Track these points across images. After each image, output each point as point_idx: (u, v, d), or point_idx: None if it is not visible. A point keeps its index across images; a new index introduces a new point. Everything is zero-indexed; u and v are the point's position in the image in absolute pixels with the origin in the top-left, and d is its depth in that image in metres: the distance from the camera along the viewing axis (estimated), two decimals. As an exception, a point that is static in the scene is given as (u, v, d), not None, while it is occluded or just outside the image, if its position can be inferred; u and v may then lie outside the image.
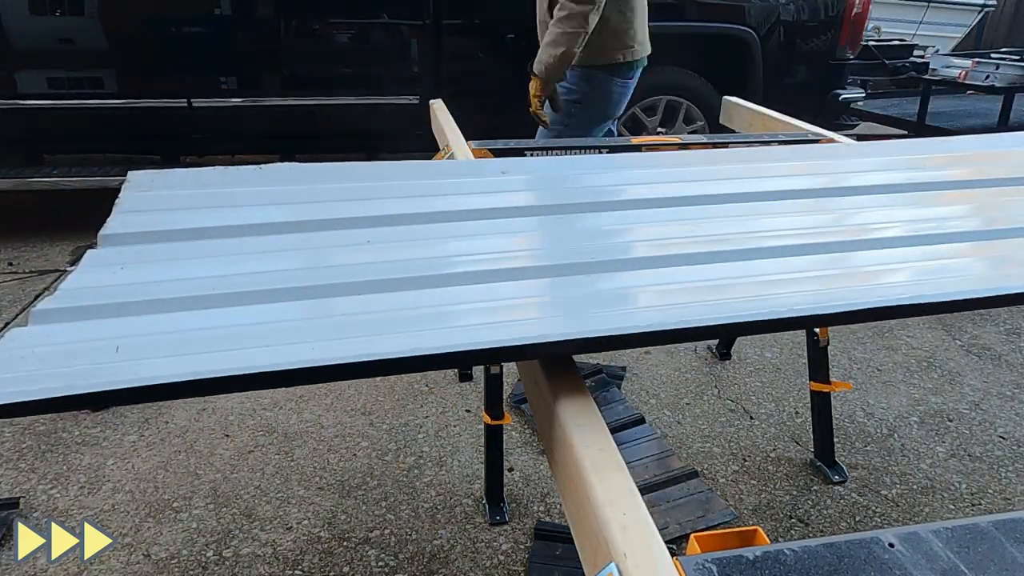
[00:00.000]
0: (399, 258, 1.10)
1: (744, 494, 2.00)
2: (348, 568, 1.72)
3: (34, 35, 3.37)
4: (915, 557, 0.71)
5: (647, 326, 0.94)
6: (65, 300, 0.97)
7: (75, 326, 0.91)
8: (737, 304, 1.01)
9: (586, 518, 0.77)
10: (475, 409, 2.34)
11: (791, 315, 0.99)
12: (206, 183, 1.33)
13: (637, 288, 1.10)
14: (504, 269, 1.10)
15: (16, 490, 1.94)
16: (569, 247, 1.21)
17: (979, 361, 2.75)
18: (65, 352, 0.86)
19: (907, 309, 1.05)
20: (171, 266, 1.06)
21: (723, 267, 1.15)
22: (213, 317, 0.94)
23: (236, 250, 1.11)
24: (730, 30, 3.88)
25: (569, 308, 1.03)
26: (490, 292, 1.03)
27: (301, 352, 0.85)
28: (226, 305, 0.96)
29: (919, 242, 1.27)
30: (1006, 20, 9.66)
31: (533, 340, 0.91)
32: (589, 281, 1.10)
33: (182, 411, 2.30)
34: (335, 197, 1.28)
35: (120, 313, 0.94)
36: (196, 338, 0.89)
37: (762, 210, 1.38)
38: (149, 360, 0.84)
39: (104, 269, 1.05)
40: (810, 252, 1.21)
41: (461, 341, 0.89)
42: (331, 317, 0.96)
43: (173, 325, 0.92)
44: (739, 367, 2.66)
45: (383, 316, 0.95)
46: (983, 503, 2.01)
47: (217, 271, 1.05)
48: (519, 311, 1.00)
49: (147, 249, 1.11)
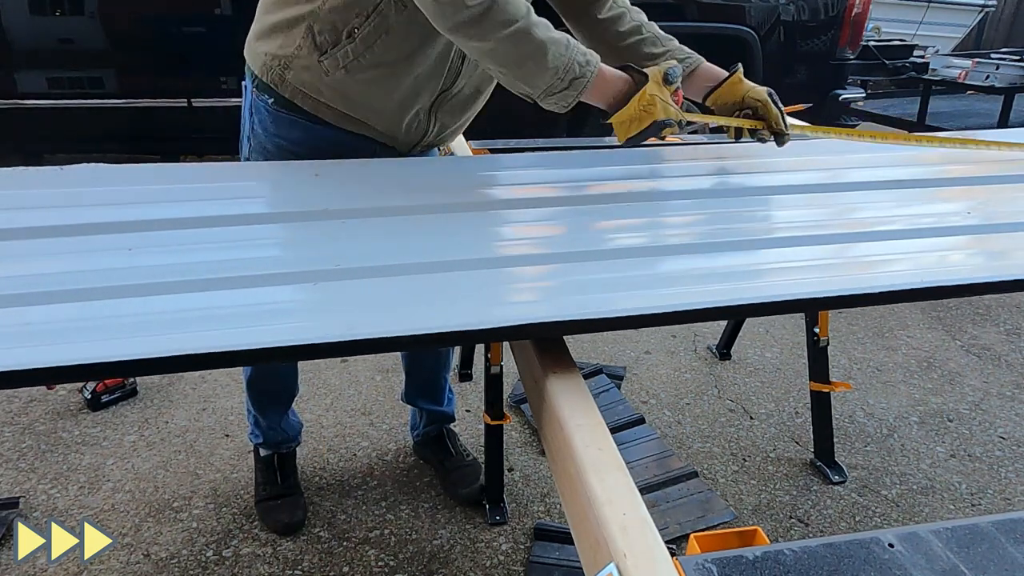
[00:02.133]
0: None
1: (744, 494, 2.00)
2: (348, 568, 1.72)
3: (34, 35, 3.37)
4: (915, 557, 0.71)
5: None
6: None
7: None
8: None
9: (586, 518, 0.77)
10: (475, 409, 2.34)
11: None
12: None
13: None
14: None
15: (16, 490, 1.94)
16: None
17: (979, 361, 2.75)
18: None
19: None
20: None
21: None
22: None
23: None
24: (730, 30, 3.87)
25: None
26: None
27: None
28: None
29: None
30: (1006, 20, 9.66)
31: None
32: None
33: (182, 411, 2.30)
34: (117, 201, 1.24)
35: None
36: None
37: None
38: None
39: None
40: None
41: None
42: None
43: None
44: (739, 367, 2.66)
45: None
46: (983, 503, 2.01)
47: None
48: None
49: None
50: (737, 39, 3.87)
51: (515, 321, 0.95)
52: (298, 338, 0.92)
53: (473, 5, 1.16)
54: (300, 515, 1.85)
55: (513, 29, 1.18)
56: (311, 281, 1.06)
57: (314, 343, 0.91)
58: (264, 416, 1.86)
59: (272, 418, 1.87)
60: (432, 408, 2.04)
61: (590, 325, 1.00)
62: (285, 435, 1.92)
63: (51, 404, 2.32)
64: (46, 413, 2.27)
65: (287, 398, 1.88)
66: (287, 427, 1.91)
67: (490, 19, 1.18)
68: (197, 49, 3.48)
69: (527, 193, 1.42)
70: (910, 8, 7.44)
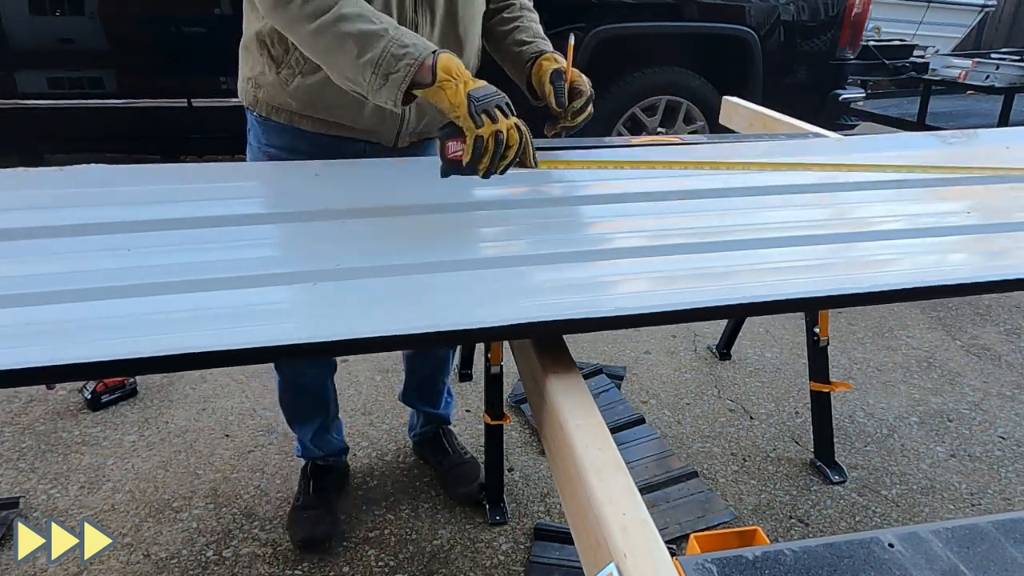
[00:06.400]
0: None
1: (744, 494, 2.00)
2: (348, 568, 1.72)
3: (34, 35, 3.37)
4: (915, 557, 0.71)
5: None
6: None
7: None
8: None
9: (586, 518, 0.77)
10: (475, 409, 2.34)
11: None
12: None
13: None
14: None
15: (16, 490, 1.94)
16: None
17: (979, 361, 2.75)
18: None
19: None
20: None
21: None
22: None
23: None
24: (730, 30, 3.87)
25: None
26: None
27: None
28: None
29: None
30: (1006, 20, 9.66)
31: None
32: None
33: (182, 411, 2.30)
34: (116, 201, 1.24)
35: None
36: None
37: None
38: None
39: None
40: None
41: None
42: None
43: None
44: (739, 367, 2.66)
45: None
46: (983, 503, 2.01)
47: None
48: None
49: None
50: (737, 39, 3.87)
51: (515, 320, 0.95)
52: (298, 337, 0.92)
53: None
54: (320, 532, 1.76)
55: (319, 23, 1.14)
56: (311, 281, 1.06)
57: (314, 343, 0.91)
58: (293, 427, 1.84)
59: (302, 431, 1.83)
60: (428, 410, 2.04)
61: (590, 324, 1.00)
62: (318, 451, 1.87)
63: (51, 404, 2.32)
64: (46, 413, 2.27)
65: (317, 414, 1.82)
66: (321, 443, 1.86)
67: (295, 11, 1.15)
68: (197, 49, 3.47)
69: (527, 193, 1.41)
70: (910, 8, 7.44)
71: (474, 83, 1.18)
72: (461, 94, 1.14)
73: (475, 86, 1.17)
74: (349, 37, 1.14)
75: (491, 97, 1.16)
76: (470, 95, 1.14)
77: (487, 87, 1.18)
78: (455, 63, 1.18)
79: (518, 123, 1.19)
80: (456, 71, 1.16)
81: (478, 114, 1.13)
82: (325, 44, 1.16)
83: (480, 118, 1.13)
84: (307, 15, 1.15)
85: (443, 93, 1.15)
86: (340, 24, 1.13)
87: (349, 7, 1.15)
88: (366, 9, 1.17)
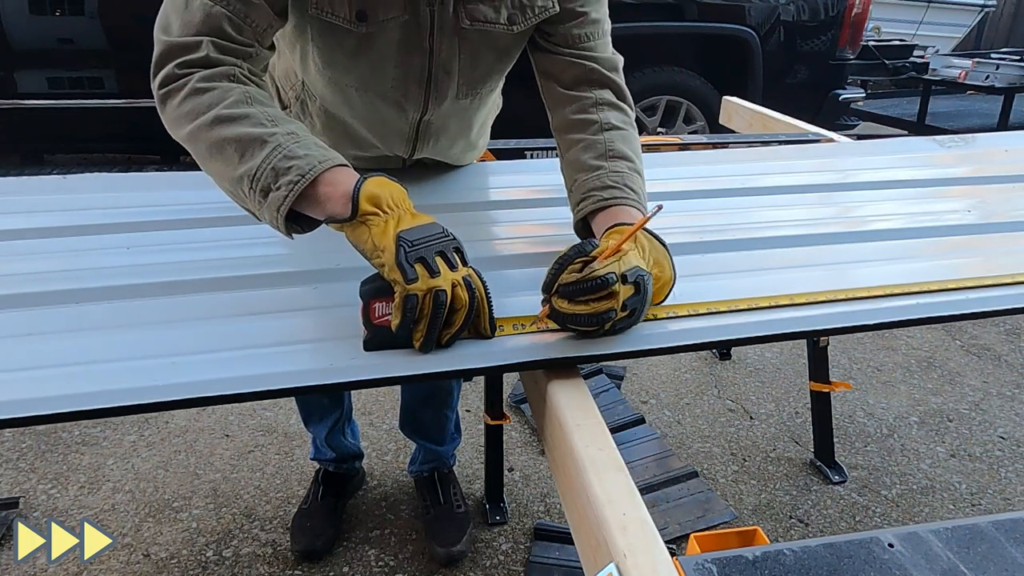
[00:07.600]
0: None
1: (744, 494, 2.00)
2: (348, 568, 1.72)
3: (34, 35, 3.37)
4: (915, 557, 0.71)
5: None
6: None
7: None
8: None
9: (586, 518, 0.76)
10: (475, 409, 2.34)
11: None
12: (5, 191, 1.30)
13: None
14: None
15: (16, 490, 1.94)
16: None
17: (979, 361, 2.75)
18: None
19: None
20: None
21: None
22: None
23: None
24: (730, 30, 3.88)
25: None
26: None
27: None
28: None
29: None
30: (1006, 20, 9.66)
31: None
32: None
33: (182, 411, 2.30)
34: (116, 203, 1.25)
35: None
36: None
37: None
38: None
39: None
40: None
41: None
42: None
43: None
44: (739, 367, 2.66)
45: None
46: (983, 503, 2.01)
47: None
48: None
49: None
50: (737, 39, 3.87)
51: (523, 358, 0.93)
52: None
53: (157, 88, 0.92)
54: (320, 544, 1.72)
55: (194, 125, 0.89)
56: (311, 282, 1.06)
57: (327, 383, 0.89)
58: (308, 425, 1.80)
59: (317, 429, 1.78)
60: (426, 445, 1.84)
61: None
62: (331, 452, 1.82)
63: (51, 404, 2.31)
64: (46, 413, 2.27)
65: (333, 410, 1.75)
66: (335, 444, 1.81)
67: (172, 111, 0.91)
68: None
69: (528, 194, 1.42)
70: (910, 8, 7.44)
71: (412, 219, 0.88)
72: (390, 234, 0.85)
73: (412, 224, 0.87)
74: (228, 143, 0.87)
75: (432, 241, 0.86)
76: (400, 237, 0.84)
77: (431, 226, 0.88)
78: (388, 190, 0.88)
79: (469, 276, 0.87)
80: (388, 202, 0.87)
81: (410, 264, 0.83)
82: (203, 151, 0.90)
83: (412, 268, 0.83)
84: (184, 115, 0.90)
85: (366, 232, 0.86)
86: (217, 128, 0.87)
87: (235, 107, 0.88)
88: (260, 110, 0.90)
